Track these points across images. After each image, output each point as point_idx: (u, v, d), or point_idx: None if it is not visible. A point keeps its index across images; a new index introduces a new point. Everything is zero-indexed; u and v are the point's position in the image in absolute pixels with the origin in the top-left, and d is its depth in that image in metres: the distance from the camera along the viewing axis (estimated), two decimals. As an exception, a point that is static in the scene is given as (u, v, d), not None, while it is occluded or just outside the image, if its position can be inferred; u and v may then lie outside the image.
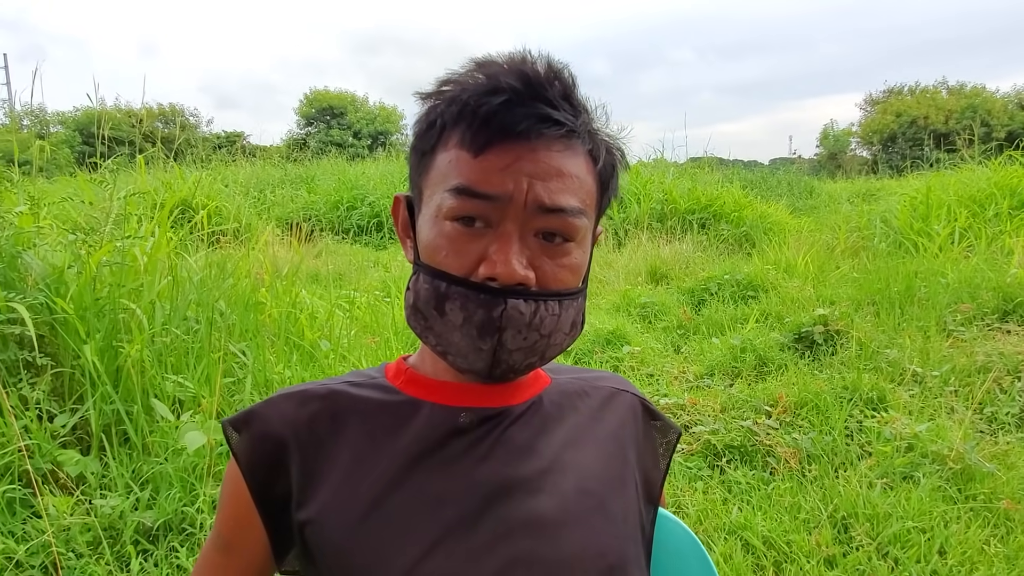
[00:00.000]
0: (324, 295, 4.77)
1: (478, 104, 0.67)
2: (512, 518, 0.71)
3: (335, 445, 0.75)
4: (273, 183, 13.40)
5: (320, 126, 32.35)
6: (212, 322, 3.07)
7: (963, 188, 8.10)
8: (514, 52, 0.71)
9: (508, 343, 0.69)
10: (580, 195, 0.71)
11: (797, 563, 2.37)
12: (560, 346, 0.75)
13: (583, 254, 0.75)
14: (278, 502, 0.75)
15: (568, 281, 0.72)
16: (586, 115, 0.73)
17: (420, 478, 0.73)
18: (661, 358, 4.54)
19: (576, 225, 0.71)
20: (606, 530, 0.76)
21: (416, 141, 0.75)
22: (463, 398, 0.77)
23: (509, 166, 0.67)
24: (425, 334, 0.74)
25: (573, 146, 0.71)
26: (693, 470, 3.00)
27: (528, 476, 0.74)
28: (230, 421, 0.77)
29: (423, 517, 0.71)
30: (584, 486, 0.77)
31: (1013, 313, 4.72)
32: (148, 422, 2.60)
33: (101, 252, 2.74)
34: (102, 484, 2.43)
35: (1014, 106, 28.74)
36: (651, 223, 9.68)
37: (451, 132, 0.70)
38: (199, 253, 3.76)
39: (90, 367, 2.52)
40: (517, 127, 0.66)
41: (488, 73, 0.69)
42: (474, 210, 0.68)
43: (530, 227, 0.69)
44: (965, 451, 2.84)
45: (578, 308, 0.76)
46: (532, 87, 0.68)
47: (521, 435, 0.77)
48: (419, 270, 0.73)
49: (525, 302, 0.68)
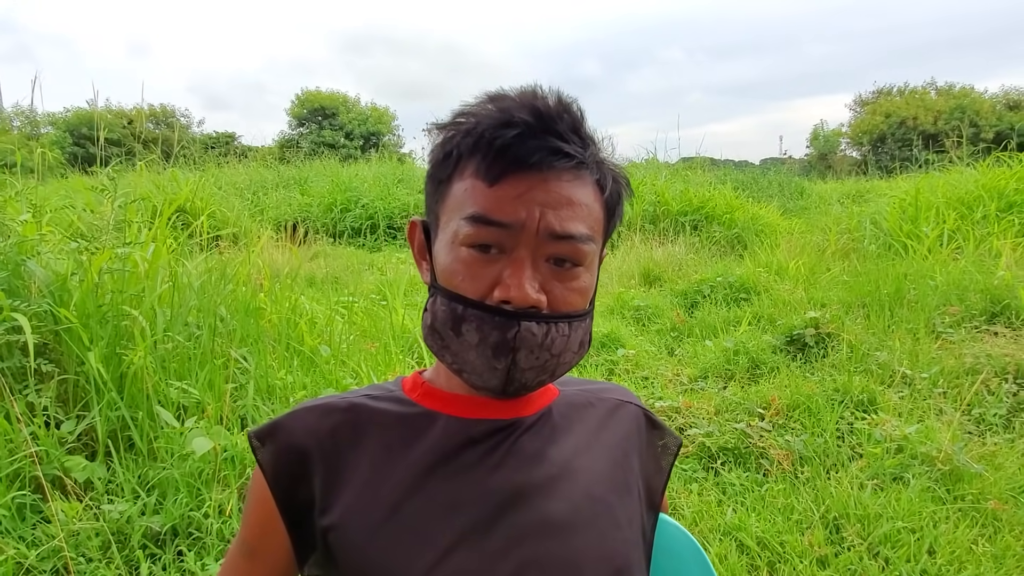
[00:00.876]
0: (321, 299, 4.80)
1: (493, 136, 0.71)
2: (525, 523, 0.76)
3: (356, 455, 0.80)
4: (267, 185, 13.39)
5: (312, 127, 32.25)
6: (213, 328, 3.10)
7: (951, 190, 8.18)
8: (526, 86, 0.75)
9: (521, 362, 0.73)
10: (589, 222, 0.75)
11: (791, 563, 2.43)
12: (569, 364, 0.79)
13: (591, 277, 0.79)
14: (301, 509, 0.79)
15: (577, 303, 0.77)
16: (594, 147, 0.77)
17: (436, 486, 0.77)
18: (655, 361, 4.60)
19: (585, 251, 0.75)
20: (613, 534, 0.81)
21: (433, 169, 0.79)
22: (477, 410, 0.81)
23: (522, 195, 0.71)
24: (442, 353, 0.78)
25: (582, 176, 0.75)
26: (688, 472, 3.06)
27: (540, 482, 0.79)
28: (255, 433, 0.81)
29: (439, 523, 0.75)
30: (592, 492, 0.81)
31: (1000, 315, 4.79)
32: (153, 428, 2.63)
33: (101, 258, 2.77)
34: (109, 489, 2.46)
35: (1002, 107, 28.95)
36: (644, 225, 9.74)
37: (467, 162, 0.74)
38: (199, 258, 3.78)
39: (95, 374, 2.55)
40: (530, 159, 0.71)
41: (501, 107, 0.73)
42: (489, 237, 0.72)
43: (542, 253, 0.73)
44: (954, 452, 2.91)
45: (585, 328, 0.80)
46: (543, 120, 0.72)
47: (532, 444, 0.82)
48: (436, 292, 0.77)
49: (537, 324, 0.73)
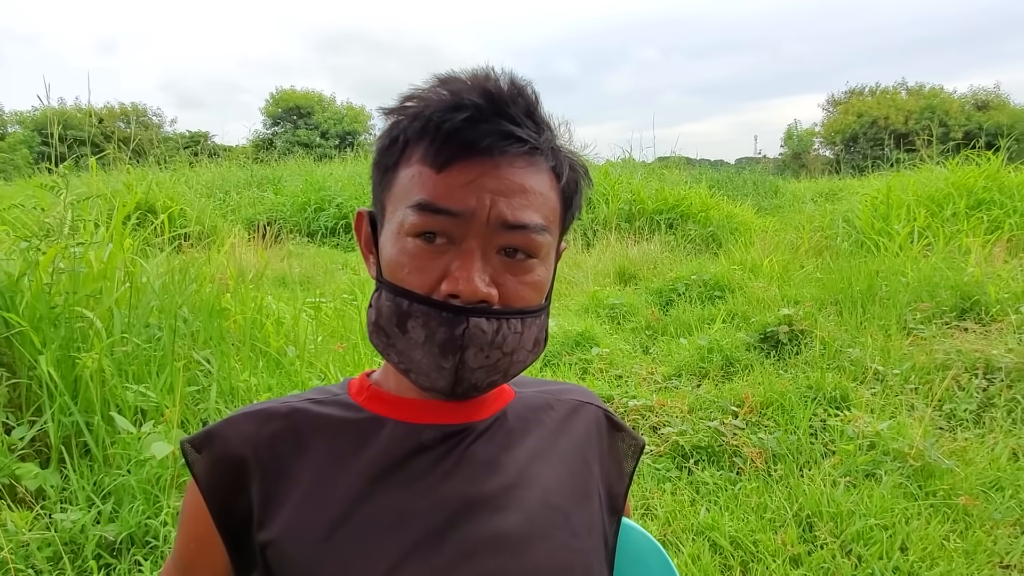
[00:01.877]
0: (291, 299, 4.71)
1: (441, 120, 0.67)
2: (477, 535, 0.71)
3: (296, 464, 0.74)
4: (239, 184, 13.21)
5: (287, 126, 31.98)
6: (175, 329, 3.01)
7: (922, 188, 8.29)
8: (478, 68, 0.71)
9: (470, 361, 0.69)
10: (543, 211, 0.71)
11: (763, 562, 2.40)
12: (523, 363, 0.75)
13: (546, 271, 0.75)
14: (239, 523, 0.74)
15: (531, 298, 0.72)
16: (549, 132, 0.73)
17: (383, 497, 0.72)
18: (630, 359, 4.57)
19: (539, 242, 0.71)
20: (571, 545, 0.76)
21: (379, 157, 0.75)
22: (426, 415, 0.77)
23: (472, 182, 0.67)
24: (388, 352, 0.73)
25: (536, 163, 0.71)
26: (661, 471, 3.03)
27: (493, 492, 0.74)
28: (189, 440, 0.76)
29: (386, 536, 0.70)
30: (549, 500, 0.77)
31: (970, 311, 4.84)
32: (109, 433, 2.54)
33: (48, 258, 2.66)
34: (62, 498, 2.37)
35: (970, 107, 29.51)
36: (619, 223, 9.74)
37: (414, 148, 0.70)
38: (159, 257, 3.68)
39: (46, 378, 2.46)
40: (480, 143, 0.66)
41: (451, 89, 0.69)
42: (436, 226, 0.68)
43: (493, 244, 0.69)
44: (925, 448, 2.91)
45: (540, 325, 0.76)
46: (495, 103, 0.68)
47: (485, 451, 0.77)
48: (381, 287, 0.73)
49: (487, 320, 0.68)
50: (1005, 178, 8.18)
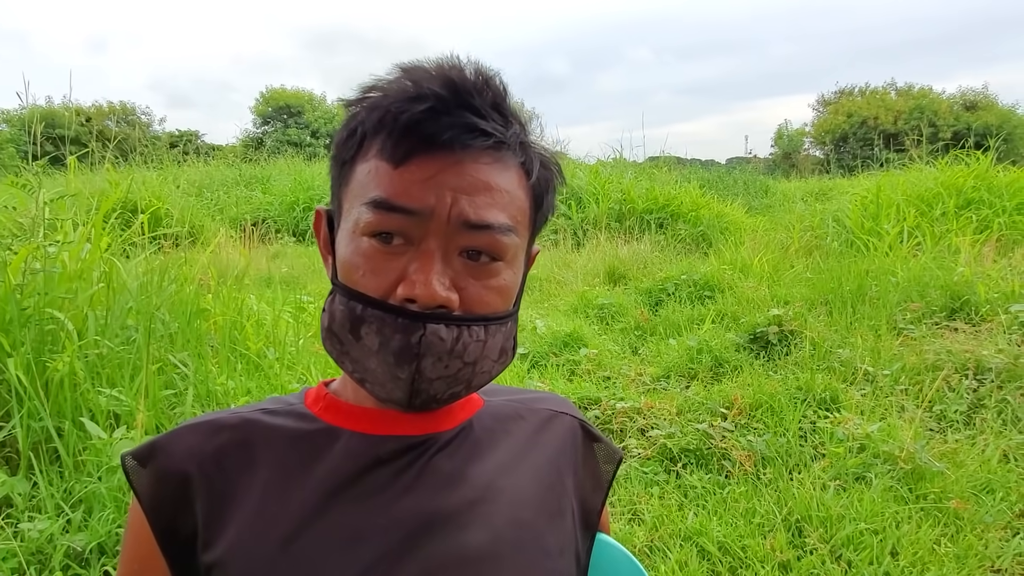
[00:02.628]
0: (276, 300, 4.64)
1: (399, 111, 0.62)
2: (439, 555, 0.66)
3: (244, 480, 0.69)
4: (227, 183, 13.11)
5: (277, 125, 31.83)
6: (151, 331, 2.94)
7: (911, 188, 8.30)
8: (443, 57, 0.65)
9: (427, 371, 0.63)
10: (510, 211, 0.66)
11: (752, 568, 2.35)
12: (488, 374, 0.70)
13: (513, 275, 0.69)
14: (183, 543, 0.69)
15: (495, 304, 0.67)
16: (518, 126, 0.68)
17: (336, 514, 0.67)
18: (618, 360, 4.52)
19: (504, 243, 0.65)
20: (541, 564, 0.71)
21: (336, 150, 0.70)
22: (385, 426, 0.71)
23: (431, 178, 0.62)
24: (341, 359, 0.68)
25: (503, 158, 0.66)
26: (649, 475, 2.97)
27: (456, 508, 0.69)
28: (131, 453, 0.70)
29: (341, 556, 0.65)
30: (518, 517, 0.72)
31: (960, 311, 4.81)
32: (80, 439, 2.46)
33: (20, 258, 2.59)
34: (30, 506, 2.30)
35: (959, 107, 29.66)
36: (609, 223, 9.71)
37: (371, 141, 0.65)
38: (139, 257, 3.60)
39: (15, 381, 2.39)
40: (441, 136, 0.61)
41: (413, 79, 0.64)
42: (393, 225, 0.63)
43: (454, 245, 0.64)
44: (915, 451, 2.87)
45: (507, 333, 0.70)
46: (459, 94, 0.63)
47: (449, 463, 0.72)
48: (336, 290, 0.67)
49: (447, 327, 0.63)
50: (994, 178, 8.19)
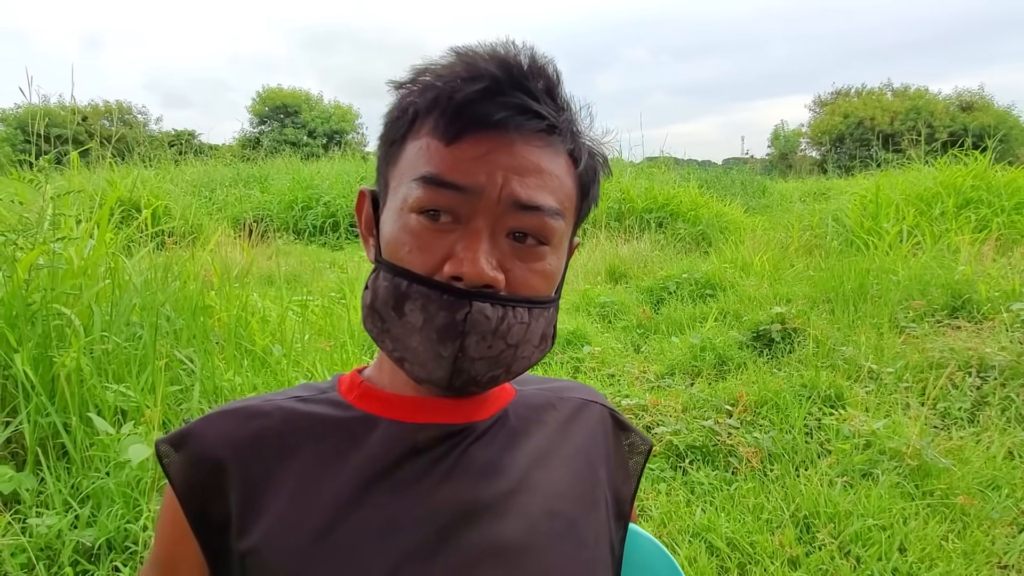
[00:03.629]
0: (277, 298, 4.64)
1: (454, 91, 0.62)
2: (475, 545, 0.66)
3: (280, 467, 0.68)
4: (225, 182, 13.07)
5: (274, 125, 31.75)
6: (157, 327, 2.93)
7: (910, 187, 8.32)
8: (498, 42, 0.66)
9: (471, 350, 0.63)
10: (559, 195, 0.66)
11: (761, 564, 2.36)
12: (528, 359, 0.69)
13: (558, 260, 0.69)
14: (217, 529, 0.68)
15: (540, 288, 0.67)
16: (569, 113, 0.68)
17: (373, 503, 0.66)
18: (622, 358, 4.52)
19: (552, 227, 0.65)
20: (576, 555, 0.71)
21: (386, 130, 0.70)
22: (422, 414, 0.71)
23: (483, 156, 0.62)
24: (382, 338, 0.68)
25: (553, 144, 0.66)
26: (656, 472, 2.97)
27: (493, 498, 0.69)
28: (165, 440, 0.70)
29: (376, 547, 0.64)
30: (553, 507, 0.71)
31: (962, 309, 4.83)
32: (88, 435, 2.45)
33: (32, 255, 2.58)
34: (38, 501, 2.29)
35: (955, 108, 29.71)
36: (609, 222, 9.71)
37: (424, 120, 0.65)
38: (141, 254, 3.59)
39: (22, 377, 2.38)
40: (494, 116, 0.61)
41: (467, 61, 0.64)
42: (443, 202, 0.63)
43: (502, 225, 0.64)
44: (921, 447, 2.88)
45: (549, 319, 0.70)
46: (514, 77, 0.63)
47: (485, 453, 0.71)
48: (379, 267, 0.67)
49: (492, 306, 0.63)
50: (992, 177, 8.22)
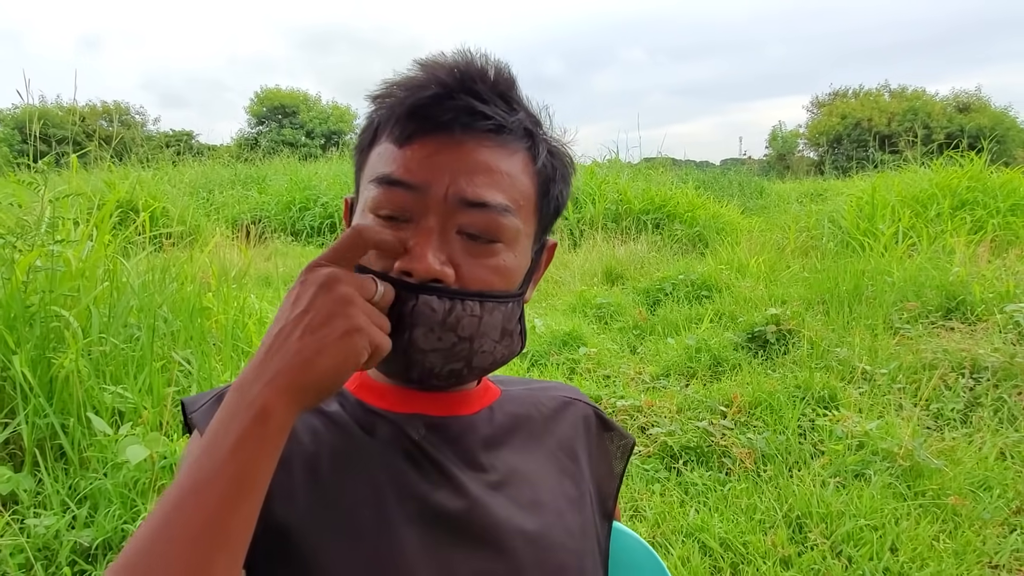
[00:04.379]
0: (275, 299, 4.65)
1: (407, 97, 0.67)
2: (466, 535, 0.68)
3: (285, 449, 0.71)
4: (222, 183, 13.07)
5: (272, 125, 31.77)
6: (154, 329, 2.94)
7: (906, 189, 8.34)
8: (456, 52, 0.70)
9: (420, 342, 0.65)
10: (510, 193, 0.69)
11: (754, 564, 2.38)
12: (491, 354, 0.71)
13: (515, 258, 0.71)
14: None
15: (494, 283, 0.69)
16: (524, 114, 0.71)
17: (361, 489, 0.68)
18: (617, 359, 4.54)
19: (502, 223, 0.68)
20: (564, 544, 0.73)
21: (357, 140, 0.76)
22: (412, 404, 0.74)
23: (431, 156, 0.66)
24: None
25: (506, 143, 0.69)
26: (650, 472, 3.00)
27: (482, 491, 0.71)
28: (188, 399, 0.73)
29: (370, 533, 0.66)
30: (539, 499, 0.74)
31: (956, 310, 4.86)
32: (86, 435, 2.47)
33: (30, 257, 2.59)
34: (36, 502, 2.30)
35: (952, 109, 29.80)
36: (606, 223, 9.73)
37: (384, 127, 0.70)
38: (139, 256, 3.61)
39: (20, 378, 2.39)
40: (442, 118, 0.66)
41: (425, 70, 0.69)
42: (395, 200, 0.67)
43: (452, 223, 0.67)
44: (914, 448, 2.90)
45: (508, 314, 0.72)
46: (462, 81, 0.67)
47: (473, 447, 0.74)
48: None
49: (439, 299, 0.65)
50: (988, 179, 8.25)
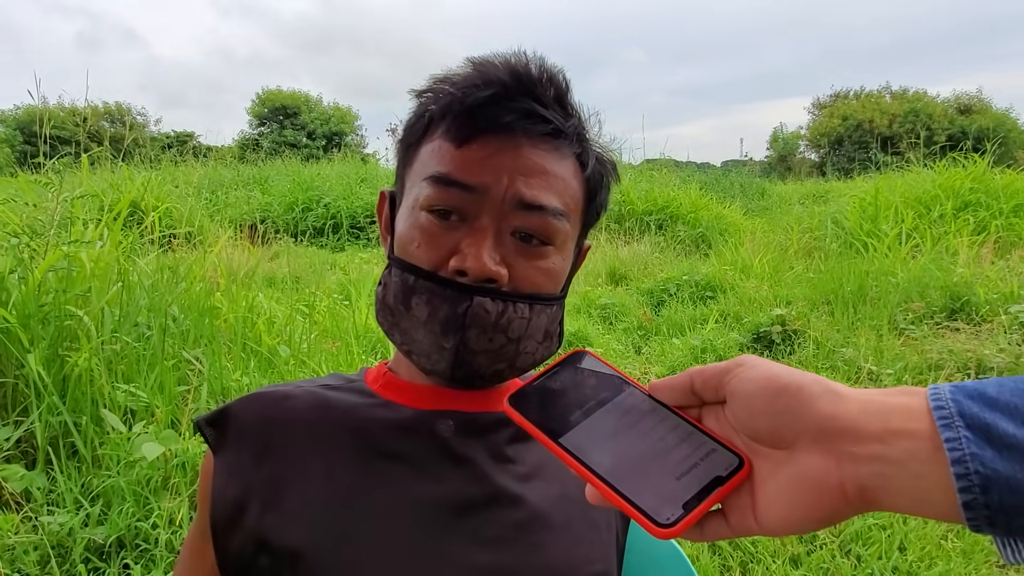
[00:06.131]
0: (281, 299, 4.66)
1: (466, 96, 0.67)
2: (493, 526, 0.69)
3: (308, 446, 0.72)
4: (226, 184, 13.09)
5: (273, 126, 31.79)
6: (165, 328, 2.96)
7: (909, 190, 8.35)
8: (510, 52, 0.70)
9: (472, 343, 0.67)
10: (563, 197, 0.70)
11: (763, 563, 2.39)
12: (532, 355, 0.73)
13: (562, 260, 0.73)
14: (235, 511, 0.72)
15: (543, 285, 0.71)
16: (577, 120, 0.72)
17: (393, 485, 0.70)
18: (622, 360, 4.56)
19: (556, 227, 0.69)
20: (591, 537, 0.75)
21: (404, 134, 0.75)
22: (441, 402, 0.75)
23: (490, 157, 0.66)
24: (392, 331, 0.72)
25: (560, 147, 0.70)
26: (658, 471, 3.00)
27: (509, 483, 0.72)
28: (204, 418, 0.75)
29: (397, 526, 0.68)
30: (567, 492, 0.75)
31: (960, 311, 4.86)
32: (98, 433, 2.48)
33: (51, 259, 2.61)
34: (49, 500, 2.32)
35: (953, 111, 29.81)
36: (609, 224, 9.74)
37: (438, 124, 0.69)
38: (150, 256, 3.63)
39: (35, 377, 2.41)
40: (502, 119, 0.66)
41: (480, 69, 0.69)
42: (451, 200, 0.67)
43: (507, 224, 0.68)
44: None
45: (552, 316, 0.74)
46: (522, 83, 0.67)
47: (500, 441, 0.75)
48: (392, 263, 0.72)
49: (492, 300, 0.66)
50: (991, 180, 8.24)
